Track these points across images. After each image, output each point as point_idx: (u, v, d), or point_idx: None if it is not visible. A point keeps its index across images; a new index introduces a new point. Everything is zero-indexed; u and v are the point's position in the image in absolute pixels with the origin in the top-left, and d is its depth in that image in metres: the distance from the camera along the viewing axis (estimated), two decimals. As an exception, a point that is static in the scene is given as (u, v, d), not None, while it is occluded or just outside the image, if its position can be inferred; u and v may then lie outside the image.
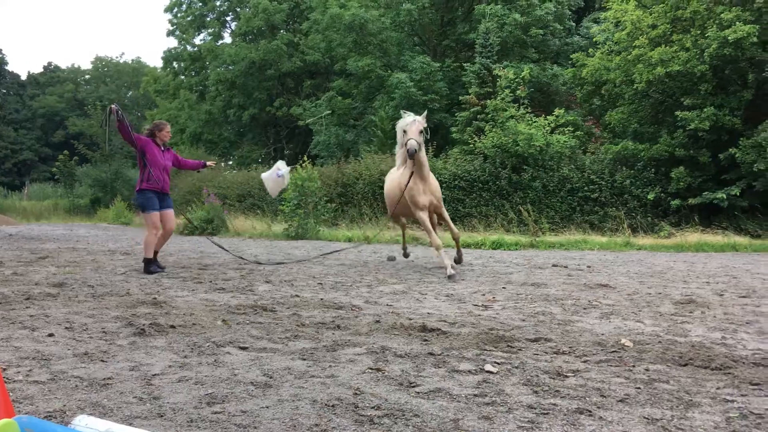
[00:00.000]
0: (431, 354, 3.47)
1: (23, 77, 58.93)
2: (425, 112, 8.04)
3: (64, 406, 2.49)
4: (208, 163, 8.89)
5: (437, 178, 8.70)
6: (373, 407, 2.53)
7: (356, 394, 2.70)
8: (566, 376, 3.07)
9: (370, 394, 2.69)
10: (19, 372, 2.97)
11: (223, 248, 9.80)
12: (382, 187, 18.58)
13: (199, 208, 18.72)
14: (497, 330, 4.18)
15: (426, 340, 3.86)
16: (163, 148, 8.05)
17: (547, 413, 2.52)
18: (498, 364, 3.28)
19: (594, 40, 19.82)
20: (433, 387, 2.83)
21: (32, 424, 1.99)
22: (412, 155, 7.37)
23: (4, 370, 2.97)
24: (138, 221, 23.15)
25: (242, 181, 22.90)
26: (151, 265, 7.62)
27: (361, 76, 25.64)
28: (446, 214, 8.23)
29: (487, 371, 3.13)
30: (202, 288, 6.23)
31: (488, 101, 18.60)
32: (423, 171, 7.81)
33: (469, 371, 3.14)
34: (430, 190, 7.88)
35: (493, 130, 17.69)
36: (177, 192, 24.71)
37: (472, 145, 18.26)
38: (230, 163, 32.66)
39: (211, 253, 10.62)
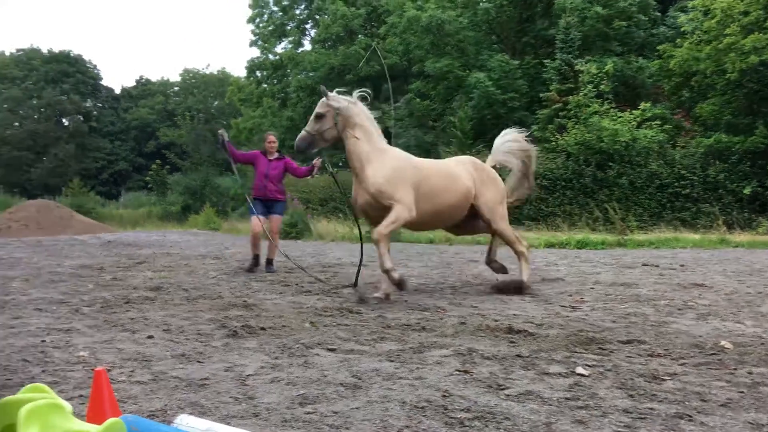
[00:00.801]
0: (519, 356, 3.42)
1: (117, 91, 62.00)
2: (334, 89, 6.10)
3: (165, 405, 2.60)
4: (315, 163, 8.57)
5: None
6: (462, 409, 2.52)
7: (445, 396, 2.69)
8: (663, 380, 2.96)
9: (459, 396, 2.68)
10: (122, 372, 3.13)
11: (300, 267, 8.21)
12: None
13: (286, 214, 19.16)
14: (587, 331, 4.07)
15: (513, 342, 3.81)
16: (271, 158, 8.49)
17: (644, 418, 2.44)
18: (590, 366, 3.20)
19: (682, 29, 19.03)
20: (522, 390, 2.79)
21: (137, 423, 2.09)
22: (298, 151, 6.31)
23: (109, 371, 3.13)
24: (226, 227, 23.93)
25: (324, 185, 23.27)
26: (249, 263, 8.33)
27: (439, 77, 25.59)
28: (391, 215, 5.64)
29: (579, 374, 3.06)
30: (289, 291, 6.37)
31: (570, 97, 18.20)
32: (354, 165, 5.91)
33: (559, 374, 3.07)
34: (365, 188, 5.79)
35: (576, 126, 17.29)
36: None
37: (554, 143, 17.91)
38: (311, 167, 33.21)
39: (295, 257, 10.85)
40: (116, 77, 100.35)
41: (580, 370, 3.13)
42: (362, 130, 5.91)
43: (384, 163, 5.80)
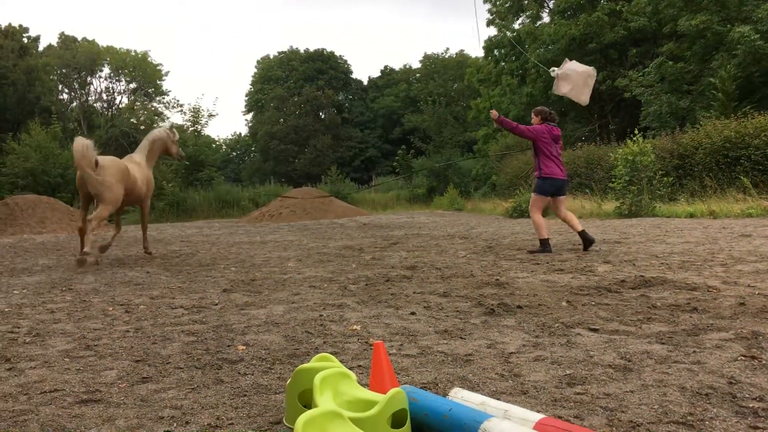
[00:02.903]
0: (819, 343, 2.99)
1: (365, 83, 66.11)
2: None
3: (435, 378, 2.71)
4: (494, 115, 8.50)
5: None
6: (754, 398, 2.27)
7: (731, 383, 2.45)
8: None
9: (749, 385, 2.42)
10: (392, 346, 3.32)
11: None
12: (727, 155, 16.71)
13: (526, 190, 18.96)
14: None
15: (809, 327, 3.34)
16: None
17: None
18: None
19: None
20: (828, 381, 2.43)
21: (415, 393, 2.21)
22: None
23: (380, 343, 3.34)
24: (469, 207, 24.35)
25: (567, 160, 22.50)
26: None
27: (694, 36, 23.28)
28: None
29: None
30: (540, 269, 6.28)
31: None
32: None
33: None
34: None
35: None
36: (503, 176, 25.41)
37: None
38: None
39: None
40: (364, 69, 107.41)
41: None
42: None
43: None
